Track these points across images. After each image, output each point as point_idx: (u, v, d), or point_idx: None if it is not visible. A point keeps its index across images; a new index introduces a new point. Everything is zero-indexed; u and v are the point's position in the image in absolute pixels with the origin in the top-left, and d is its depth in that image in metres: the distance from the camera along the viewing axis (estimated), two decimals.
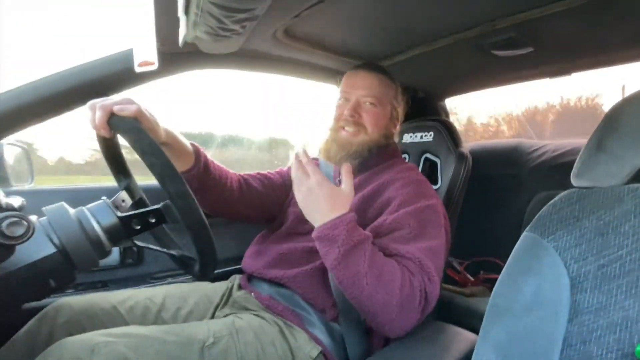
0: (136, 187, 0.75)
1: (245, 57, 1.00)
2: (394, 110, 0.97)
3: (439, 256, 0.76)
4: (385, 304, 0.66)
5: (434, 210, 0.82)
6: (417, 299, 0.68)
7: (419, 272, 0.71)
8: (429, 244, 0.75)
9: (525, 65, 1.14)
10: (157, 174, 0.58)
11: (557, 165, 1.35)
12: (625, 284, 0.48)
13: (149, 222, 0.64)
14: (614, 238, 0.51)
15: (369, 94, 0.91)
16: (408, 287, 0.68)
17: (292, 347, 0.74)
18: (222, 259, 0.66)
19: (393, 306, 0.66)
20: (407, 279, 0.68)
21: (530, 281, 0.56)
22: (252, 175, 1.01)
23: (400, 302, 0.67)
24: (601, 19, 0.82)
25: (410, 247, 0.74)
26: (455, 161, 1.14)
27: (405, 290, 0.67)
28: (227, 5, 0.57)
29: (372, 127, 0.91)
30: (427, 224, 0.78)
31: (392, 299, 0.66)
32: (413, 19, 0.89)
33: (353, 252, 0.67)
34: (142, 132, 0.61)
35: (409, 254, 0.72)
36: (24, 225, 0.51)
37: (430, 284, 0.71)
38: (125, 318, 0.78)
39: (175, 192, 0.58)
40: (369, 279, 0.66)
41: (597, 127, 0.58)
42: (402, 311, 0.67)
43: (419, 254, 0.72)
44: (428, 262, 0.72)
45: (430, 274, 0.71)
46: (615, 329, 0.47)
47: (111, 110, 0.64)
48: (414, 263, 0.71)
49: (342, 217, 0.68)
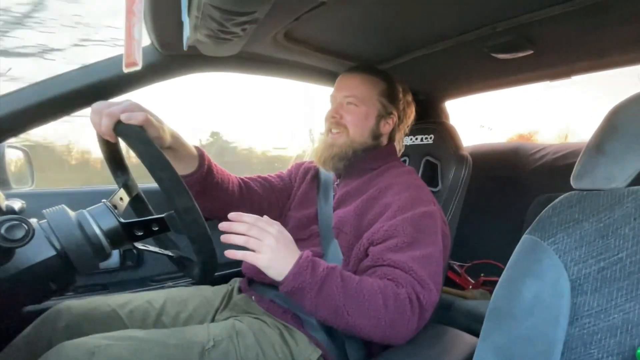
0: (134, 184, 0.75)
1: (245, 59, 1.00)
2: (384, 109, 0.95)
3: (434, 263, 0.76)
4: (374, 326, 0.67)
5: (431, 216, 0.82)
6: (406, 310, 0.68)
7: (408, 283, 0.71)
8: (424, 251, 0.75)
9: (526, 68, 1.14)
10: (165, 188, 0.58)
11: (557, 167, 1.36)
12: (625, 287, 0.48)
13: (151, 230, 0.63)
14: (614, 241, 0.51)
15: (350, 93, 0.93)
16: (393, 301, 0.68)
17: (292, 350, 0.74)
18: (221, 262, 0.66)
19: (383, 326, 0.67)
20: (391, 294, 0.68)
21: (530, 284, 0.55)
22: (252, 179, 1.01)
23: (389, 319, 0.67)
24: (601, 22, 0.83)
25: (402, 255, 0.73)
26: (455, 163, 1.14)
27: (390, 305, 0.67)
28: (228, 9, 0.57)
29: (353, 126, 0.92)
30: (423, 230, 0.78)
31: (380, 320, 0.67)
32: (413, 22, 0.90)
33: (323, 290, 0.66)
34: (149, 143, 0.60)
35: (400, 264, 0.72)
36: (24, 228, 0.51)
37: (423, 291, 0.71)
38: (125, 322, 0.77)
39: (183, 208, 0.58)
40: (349, 310, 0.66)
41: (596, 129, 0.58)
42: (395, 326, 0.68)
43: (412, 263, 0.72)
44: (420, 270, 0.72)
45: (423, 282, 0.71)
46: (615, 331, 0.46)
47: (118, 117, 0.63)
48: (404, 272, 0.72)
49: (298, 263, 0.66)
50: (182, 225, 0.60)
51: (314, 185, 1.01)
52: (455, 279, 1.44)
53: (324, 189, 0.98)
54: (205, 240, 0.60)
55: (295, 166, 1.11)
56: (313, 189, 1.00)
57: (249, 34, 0.69)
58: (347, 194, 0.92)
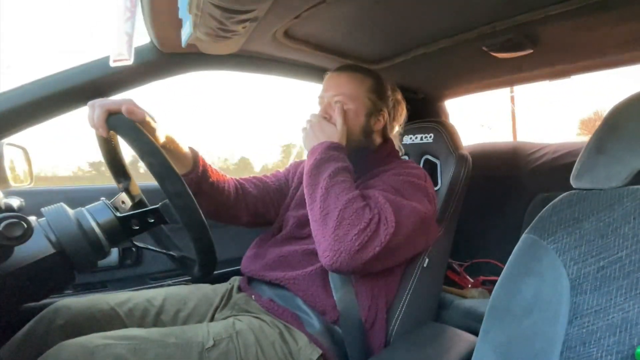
0: (136, 189, 0.75)
1: (244, 58, 1.00)
2: (373, 105, 0.95)
3: (406, 211, 0.77)
4: (326, 215, 0.72)
5: (419, 186, 0.85)
6: (361, 223, 0.70)
7: (375, 208, 0.74)
8: (400, 200, 0.78)
9: (525, 67, 1.14)
10: (156, 173, 0.58)
11: (557, 166, 1.36)
12: (625, 286, 0.48)
13: (147, 222, 0.64)
14: (613, 240, 0.51)
15: (337, 92, 0.92)
16: (353, 209, 0.72)
17: (292, 349, 0.74)
18: (221, 260, 0.66)
19: (334, 220, 0.71)
20: (357, 203, 0.73)
21: (530, 283, 0.56)
22: (247, 180, 1.02)
23: (345, 219, 0.70)
24: (600, 21, 0.83)
25: (379, 194, 0.77)
26: (455, 163, 1.14)
27: (349, 210, 0.71)
28: (228, 7, 0.57)
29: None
30: (406, 188, 0.82)
31: (335, 212, 0.71)
32: (413, 21, 0.89)
33: (323, 164, 0.78)
34: (140, 132, 0.61)
35: (375, 198, 0.76)
36: (23, 226, 0.51)
37: (383, 224, 0.72)
38: (124, 320, 0.77)
39: (174, 192, 0.58)
40: (322, 191, 0.74)
41: (596, 129, 0.58)
42: (340, 229, 0.70)
43: (384, 200, 0.76)
44: (388, 208, 0.74)
45: (387, 218, 0.73)
46: (615, 330, 0.46)
47: (109, 109, 0.65)
48: (374, 202, 0.75)
49: (321, 143, 0.82)
50: (175, 210, 0.60)
51: None
52: (454, 278, 1.44)
53: None
54: (200, 226, 0.60)
55: (293, 166, 1.11)
56: None
57: (248, 32, 0.69)
58: None
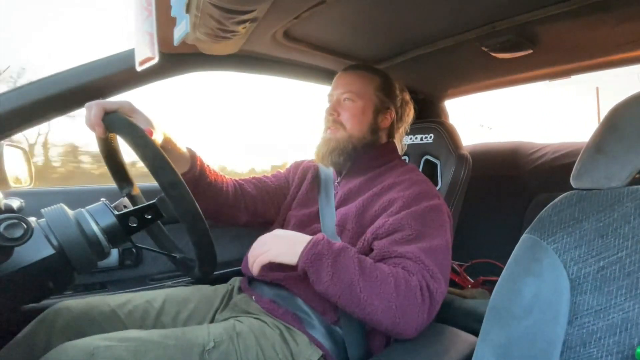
0: (138, 194, 0.76)
1: (244, 58, 1.00)
2: (381, 103, 0.96)
3: (441, 255, 0.76)
4: (386, 309, 0.67)
5: (438, 210, 0.82)
6: (417, 297, 0.68)
7: (418, 271, 0.71)
8: (431, 243, 0.75)
9: (525, 67, 1.14)
10: (149, 165, 0.58)
11: (557, 167, 1.36)
12: (625, 286, 0.48)
13: (145, 219, 0.64)
14: (613, 240, 0.51)
15: (346, 90, 0.93)
16: (404, 286, 0.68)
17: (293, 351, 0.74)
18: (221, 261, 0.66)
19: (393, 310, 0.67)
20: (402, 280, 0.69)
21: (530, 283, 0.55)
22: (247, 180, 1.02)
23: (400, 304, 0.67)
24: (600, 21, 0.83)
25: (410, 247, 0.74)
26: (455, 163, 1.14)
27: (401, 290, 0.68)
28: (227, 7, 0.57)
29: (349, 122, 0.92)
30: (429, 224, 0.78)
31: (391, 304, 0.67)
32: (413, 21, 0.89)
33: (340, 260, 0.69)
34: (134, 126, 0.61)
35: (409, 254, 0.72)
36: (23, 227, 0.51)
37: (433, 281, 0.71)
38: (124, 322, 0.77)
39: (168, 182, 0.58)
40: (362, 287, 0.67)
41: (596, 129, 0.58)
42: (405, 313, 0.67)
43: (420, 253, 0.72)
44: (429, 260, 0.72)
45: (432, 272, 0.71)
46: (615, 330, 0.46)
47: (105, 108, 0.65)
48: (413, 262, 0.72)
49: (315, 238, 0.72)
50: (170, 202, 0.60)
51: (314, 184, 1.01)
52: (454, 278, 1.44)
53: (325, 187, 0.98)
54: (195, 217, 0.60)
55: (293, 166, 1.11)
56: (314, 188, 1.00)
57: (248, 32, 0.69)
58: (349, 192, 0.92)
